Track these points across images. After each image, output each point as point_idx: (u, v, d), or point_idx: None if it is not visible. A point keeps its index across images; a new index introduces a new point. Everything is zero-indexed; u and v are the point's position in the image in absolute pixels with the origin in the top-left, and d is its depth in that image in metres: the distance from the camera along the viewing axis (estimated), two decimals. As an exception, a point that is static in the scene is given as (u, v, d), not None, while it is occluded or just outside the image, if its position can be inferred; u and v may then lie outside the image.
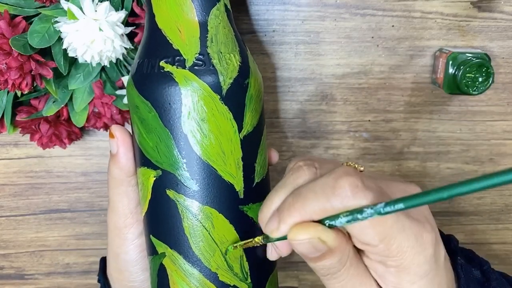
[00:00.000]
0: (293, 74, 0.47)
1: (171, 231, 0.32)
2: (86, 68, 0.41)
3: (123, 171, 0.34)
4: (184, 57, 0.31)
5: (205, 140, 0.31)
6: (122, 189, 0.34)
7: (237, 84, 0.31)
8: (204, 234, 0.31)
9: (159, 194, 0.32)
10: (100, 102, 0.42)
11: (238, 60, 0.32)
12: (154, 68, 0.31)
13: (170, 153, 0.31)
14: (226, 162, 0.31)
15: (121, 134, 0.33)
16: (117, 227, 0.35)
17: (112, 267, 0.37)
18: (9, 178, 0.51)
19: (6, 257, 0.54)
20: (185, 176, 0.31)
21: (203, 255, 0.32)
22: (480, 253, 0.54)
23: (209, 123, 0.31)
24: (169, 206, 0.32)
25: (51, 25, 0.37)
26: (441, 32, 0.46)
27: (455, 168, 0.51)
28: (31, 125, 0.43)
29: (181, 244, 0.32)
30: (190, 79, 0.30)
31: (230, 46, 0.32)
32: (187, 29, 0.31)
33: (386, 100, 0.48)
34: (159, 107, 0.31)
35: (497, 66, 0.47)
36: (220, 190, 0.31)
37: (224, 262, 0.32)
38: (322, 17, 0.45)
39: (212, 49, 0.31)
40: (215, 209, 0.31)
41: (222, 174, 0.31)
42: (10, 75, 0.37)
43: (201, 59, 0.31)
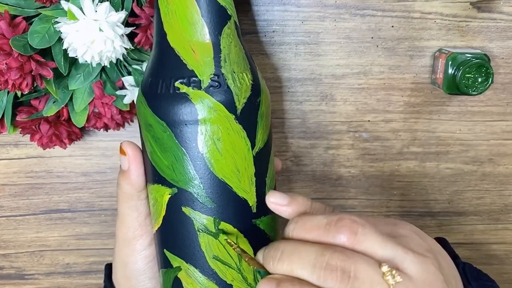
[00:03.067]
0: (293, 74, 0.47)
1: (187, 247, 0.33)
2: (86, 69, 0.41)
3: (134, 187, 0.34)
4: (199, 78, 0.31)
5: (221, 158, 0.32)
6: (132, 204, 0.35)
7: (250, 103, 0.32)
8: (220, 249, 0.32)
9: (174, 211, 0.33)
10: (100, 103, 0.42)
11: (250, 78, 0.32)
12: (169, 89, 0.31)
13: (187, 172, 0.32)
14: (241, 179, 0.32)
15: (133, 151, 0.34)
16: (126, 239, 0.36)
17: (120, 275, 0.38)
18: (9, 178, 0.51)
19: (6, 257, 0.54)
20: (201, 194, 0.32)
21: (219, 268, 0.33)
22: (479, 253, 0.55)
23: (224, 142, 0.31)
24: (185, 223, 0.33)
25: (51, 25, 0.38)
26: (440, 32, 0.46)
27: (455, 168, 0.51)
28: (32, 125, 0.43)
29: (197, 259, 0.33)
30: (206, 100, 0.31)
31: (242, 65, 0.32)
32: (200, 49, 0.31)
33: (386, 100, 0.48)
34: (175, 127, 0.31)
35: (496, 67, 0.47)
36: (235, 206, 0.32)
37: (239, 274, 0.33)
38: (322, 17, 0.45)
39: (226, 69, 0.31)
40: (230, 224, 0.32)
41: (237, 191, 0.32)
42: (11, 75, 0.37)
43: (216, 80, 0.31)
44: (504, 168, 0.51)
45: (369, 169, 0.51)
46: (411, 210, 0.53)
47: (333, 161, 0.50)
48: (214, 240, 0.32)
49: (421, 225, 0.53)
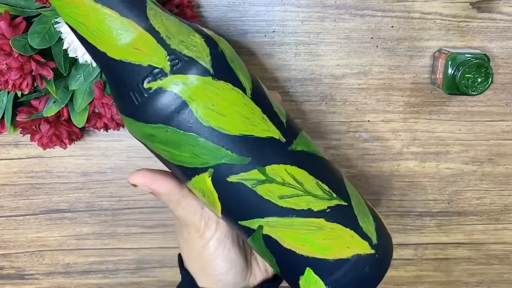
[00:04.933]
0: (292, 74, 0.47)
1: (254, 205, 0.33)
2: (86, 69, 0.41)
3: (171, 195, 0.36)
4: (159, 66, 0.31)
5: (227, 119, 0.32)
6: (183, 204, 0.36)
7: (215, 56, 0.32)
8: (280, 188, 0.33)
9: (223, 186, 0.33)
10: (100, 103, 0.42)
11: (199, 37, 0.32)
12: (143, 94, 0.31)
13: (208, 149, 0.32)
14: (255, 123, 0.32)
15: (140, 179, 0.35)
16: (197, 231, 0.37)
17: (195, 267, 0.39)
18: (9, 178, 0.51)
19: (6, 257, 0.54)
20: (233, 158, 0.32)
21: (291, 203, 0.33)
22: (479, 253, 0.55)
23: (219, 104, 0.31)
24: (239, 189, 0.33)
25: (52, 25, 0.38)
26: (440, 32, 0.46)
27: (455, 168, 0.51)
28: (32, 126, 0.43)
29: (269, 209, 0.33)
30: (179, 80, 0.31)
31: (185, 31, 0.32)
32: (142, 43, 0.31)
33: (386, 100, 0.48)
34: (171, 120, 0.31)
35: (496, 67, 0.47)
36: (267, 147, 0.33)
37: (309, 196, 0.33)
38: (322, 18, 0.45)
39: (175, 43, 0.31)
40: (274, 164, 0.33)
41: (259, 134, 0.32)
42: (11, 75, 0.37)
43: (173, 58, 0.31)
44: (504, 168, 0.51)
45: (369, 169, 0.51)
46: (411, 210, 0.53)
47: (333, 161, 0.50)
48: (270, 185, 0.33)
49: (421, 225, 0.53)
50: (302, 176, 0.34)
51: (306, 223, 0.34)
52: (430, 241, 0.54)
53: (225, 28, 0.46)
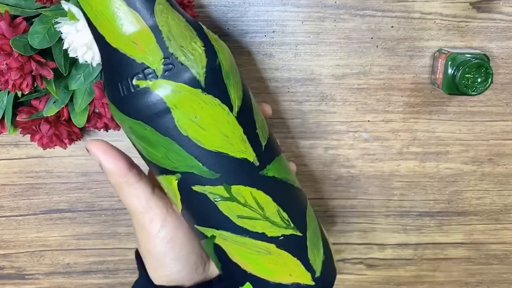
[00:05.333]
0: (292, 74, 0.47)
1: (211, 217, 0.34)
2: (86, 69, 0.41)
3: (115, 176, 0.35)
4: (152, 67, 0.30)
5: (206, 133, 0.31)
6: (126, 192, 0.35)
7: (210, 70, 0.31)
8: (241, 208, 0.34)
9: (187, 192, 0.33)
10: (100, 103, 0.42)
11: (200, 45, 0.31)
12: (130, 89, 0.31)
13: (182, 156, 0.32)
14: (233, 143, 0.32)
15: (94, 147, 0.35)
16: (140, 225, 0.36)
17: (149, 267, 0.38)
18: (9, 178, 0.51)
19: (6, 257, 0.54)
20: (203, 170, 0.32)
21: (247, 224, 0.34)
22: (479, 253, 0.55)
23: (202, 117, 0.31)
24: (201, 199, 0.33)
25: (52, 25, 0.38)
26: (440, 32, 0.46)
27: (454, 168, 0.51)
28: (32, 126, 0.43)
29: (225, 224, 0.34)
30: (168, 86, 0.30)
31: (188, 35, 0.31)
32: (141, 38, 0.30)
33: (386, 100, 0.48)
34: (151, 121, 0.31)
35: (496, 67, 0.47)
36: (238, 168, 0.33)
37: (266, 221, 0.34)
38: (322, 18, 0.45)
39: (173, 47, 0.31)
40: (241, 185, 0.33)
41: (234, 154, 0.33)
42: (11, 75, 0.37)
43: (169, 62, 0.30)
44: (504, 168, 0.51)
45: (369, 169, 0.51)
46: (411, 210, 0.53)
47: (333, 161, 0.50)
48: (232, 203, 0.33)
49: (421, 225, 0.53)
50: (265, 201, 0.34)
51: (257, 245, 0.35)
52: (430, 241, 0.54)
53: (225, 28, 0.46)
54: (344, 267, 0.56)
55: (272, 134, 0.37)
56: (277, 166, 0.35)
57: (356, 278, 0.56)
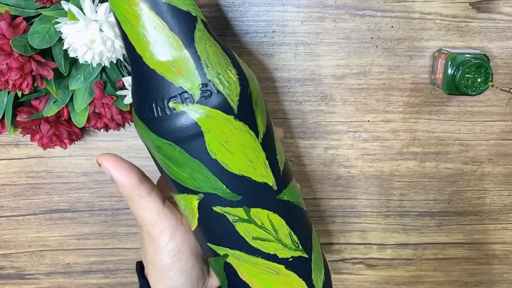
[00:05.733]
0: (292, 74, 0.47)
1: (228, 237, 0.35)
2: (86, 69, 0.41)
3: (126, 189, 0.36)
4: (189, 92, 0.31)
5: (233, 157, 0.33)
6: (137, 204, 0.36)
7: (243, 97, 0.32)
8: (257, 230, 0.35)
9: (207, 212, 0.35)
10: (100, 103, 0.42)
11: (235, 73, 0.33)
12: (165, 110, 0.31)
13: (207, 178, 0.33)
14: (256, 168, 0.34)
15: (106, 161, 0.35)
16: (150, 237, 0.37)
17: (153, 278, 0.39)
18: (9, 178, 0.51)
19: (6, 257, 0.54)
20: (226, 192, 0.34)
21: (261, 245, 0.35)
22: (479, 253, 0.55)
23: (231, 142, 0.32)
24: (220, 219, 0.35)
25: (52, 25, 0.38)
26: (440, 32, 0.46)
27: (454, 168, 0.51)
28: (32, 126, 0.43)
29: (240, 244, 0.35)
30: (203, 111, 0.31)
31: (224, 62, 0.32)
32: (181, 63, 0.31)
33: (385, 100, 0.48)
34: (182, 143, 0.32)
35: (496, 67, 0.47)
36: (258, 191, 0.34)
37: (279, 243, 0.36)
38: (322, 18, 0.45)
39: (211, 74, 0.31)
40: (259, 208, 0.35)
41: (256, 178, 0.34)
42: (11, 75, 0.37)
43: (206, 88, 0.31)
44: (504, 168, 0.51)
45: (369, 169, 0.51)
46: (411, 210, 0.53)
47: (333, 161, 0.50)
48: (249, 225, 0.35)
49: (421, 225, 0.53)
50: (280, 224, 0.36)
51: (268, 265, 0.36)
52: (430, 241, 0.54)
53: (225, 28, 0.46)
54: (344, 267, 0.56)
55: (287, 158, 0.38)
56: (291, 190, 0.37)
57: (356, 278, 0.56)
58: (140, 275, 0.40)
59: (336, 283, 0.56)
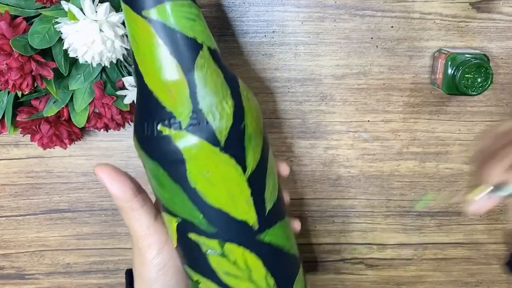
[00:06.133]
0: (292, 74, 0.47)
1: (200, 265, 0.35)
2: (86, 69, 0.41)
3: (119, 200, 0.36)
4: (178, 118, 0.31)
5: (214, 189, 0.32)
6: (130, 215, 0.37)
7: (233, 131, 0.32)
8: (230, 265, 0.34)
9: (183, 236, 0.35)
10: (100, 103, 0.42)
11: (231, 105, 0.32)
12: (154, 132, 0.32)
13: (185, 205, 0.33)
14: (237, 204, 0.33)
15: (101, 173, 0.36)
16: (138, 248, 0.38)
17: (138, 286, 0.39)
18: (9, 178, 0.51)
19: (6, 257, 0.54)
20: (202, 222, 0.33)
21: (232, 282, 0.35)
22: (479, 253, 0.55)
23: (214, 174, 0.32)
24: (194, 246, 0.34)
25: (52, 25, 0.38)
26: (440, 32, 0.46)
27: (454, 169, 0.51)
28: (32, 126, 0.43)
29: (211, 275, 0.35)
30: (189, 139, 0.31)
31: (221, 93, 0.32)
32: (176, 88, 0.31)
33: (385, 100, 0.48)
34: (166, 166, 0.32)
35: (496, 67, 0.47)
36: (236, 228, 0.34)
37: (252, 283, 0.35)
38: (322, 18, 0.45)
39: (204, 103, 0.31)
40: (235, 244, 0.34)
41: (235, 214, 0.33)
42: (11, 75, 0.37)
43: (195, 117, 0.31)
44: (504, 168, 0.51)
45: (369, 169, 0.51)
46: (411, 210, 0.53)
47: (333, 161, 0.50)
48: (222, 258, 0.34)
49: (421, 225, 0.53)
50: (255, 265, 0.35)
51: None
52: (430, 241, 0.54)
53: (225, 28, 0.46)
54: (344, 267, 0.56)
55: (281, 196, 0.37)
56: (277, 232, 0.36)
57: (356, 278, 0.56)
58: (129, 284, 0.40)
59: (336, 283, 0.56)
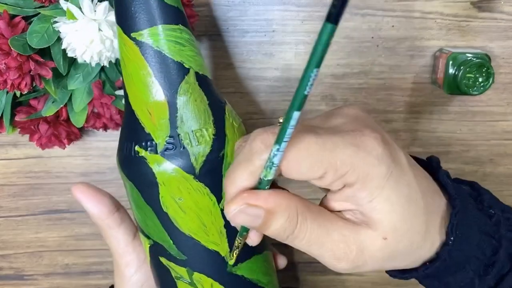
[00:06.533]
0: (293, 74, 0.47)
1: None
2: (85, 68, 0.41)
3: (96, 218, 0.37)
4: (155, 141, 0.31)
5: (185, 216, 0.32)
6: (107, 233, 0.37)
7: (211, 160, 0.31)
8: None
9: (155, 259, 0.35)
10: (99, 103, 0.42)
11: (211, 133, 0.32)
12: (131, 152, 0.32)
13: (157, 228, 0.33)
14: (209, 233, 0.33)
15: (78, 193, 0.36)
16: (117, 265, 0.38)
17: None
18: (8, 178, 0.51)
19: (5, 258, 0.54)
20: (172, 248, 0.33)
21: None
22: (480, 254, 0.55)
23: (186, 201, 0.32)
24: (164, 270, 0.34)
25: (50, 25, 0.37)
26: (441, 32, 0.46)
27: (455, 169, 0.51)
28: (30, 125, 0.43)
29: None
30: (163, 164, 0.31)
31: (202, 119, 0.31)
32: (156, 111, 0.31)
33: (386, 100, 0.48)
34: (140, 187, 0.32)
35: (497, 66, 0.46)
36: (206, 258, 0.33)
37: None
38: (322, 17, 0.45)
39: (182, 129, 0.31)
40: (204, 275, 0.33)
41: (206, 244, 0.33)
42: (9, 75, 0.37)
43: (172, 142, 0.31)
44: (505, 168, 0.51)
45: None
46: (412, 211, 0.52)
47: (333, 161, 0.50)
48: (190, 287, 0.34)
49: (422, 225, 0.53)
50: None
51: None
52: (430, 241, 0.54)
53: (224, 28, 0.46)
54: (344, 267, 0.55)
55: None
56: (251, 266, 0.35)
57: (356, 278, 0.56)
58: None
59: (336, 283, 0.56)
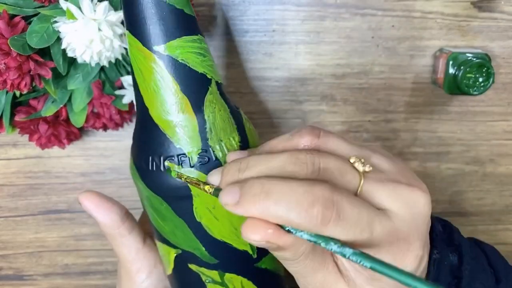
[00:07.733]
0: (293, 74, 0.47)
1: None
2: (85, 68, 0.40)
3: (107, 228, 0.36)
4: (187, 155, 0.31)
5: (218, 223, 0.32)
6: (118, 242, 0.37)
7: None
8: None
9: (182, 266, 0.35)
10: (99, 103, 0.42)
11: (238, 141, 0.32)
12: (160, 167, 0.31)
13: (188, 237, 0.33)
14: (239, 236, 0.33)
15: (86, 202, 0.36)
16: (126, 271, 0.38)
17: None
18: (7, 178, 0.51)
19: (4, 258, 0.54)
20: (204, 254, 0.33)
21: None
22: (480, 254, 0.54)
23: (218, 208, 0.32)
24: (193, 276, 0.34)
25: (50, 25, 0.37)
26: (441, 32, 0.46)
27: (456, 169, 0.51)
28: (30, 125, 0.43)
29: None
30: (197, 177, 0.31)
31: (229, 128, 0.32)
32: (185, 125, 0.30)
33: (386, 100, 0.48)
34: (170, 201, 0.32)
35: (497, 66, 0.46)
36: (237, 258, 0.34)
37: None
38: (322, 17, 0.45)
39: (213, 140, 0.31)
40: (235, 274, 0.34)
41: (237, 246, 0.34)
42: (9, 75, 0.37)
43: (205, 154, 0.31)
44: (505, 169, 0.51)
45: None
46: (412, 211, 0.52)
47: (333, 161, 0.50)
48: (222, 287, 0.35)
49: (422, 225, 0.53)
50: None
51: None
52: (431, 241, 0.54)
53: (224, 27, 0.45)
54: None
55: None
56: (272, 257, 0.36)
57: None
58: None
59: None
